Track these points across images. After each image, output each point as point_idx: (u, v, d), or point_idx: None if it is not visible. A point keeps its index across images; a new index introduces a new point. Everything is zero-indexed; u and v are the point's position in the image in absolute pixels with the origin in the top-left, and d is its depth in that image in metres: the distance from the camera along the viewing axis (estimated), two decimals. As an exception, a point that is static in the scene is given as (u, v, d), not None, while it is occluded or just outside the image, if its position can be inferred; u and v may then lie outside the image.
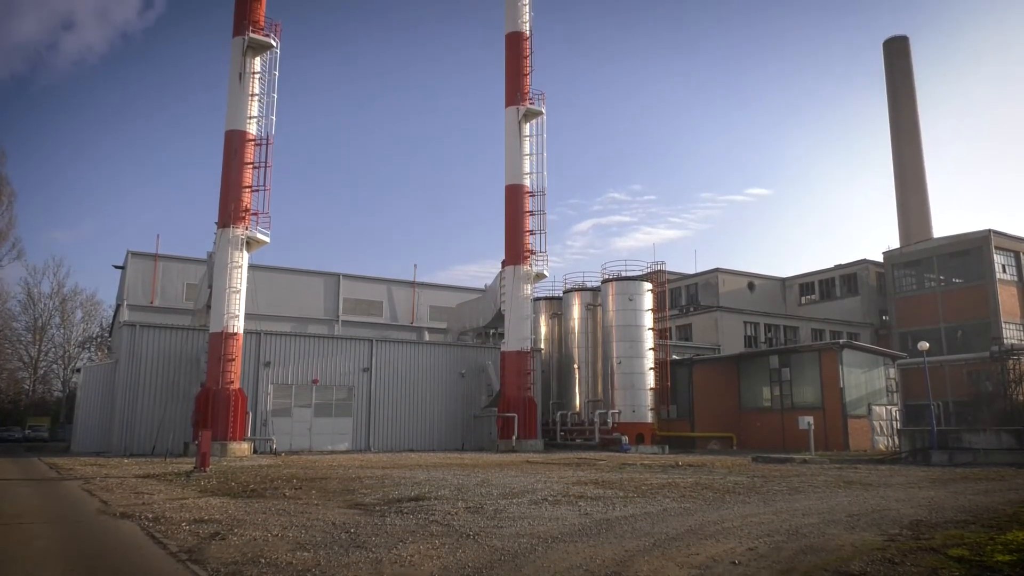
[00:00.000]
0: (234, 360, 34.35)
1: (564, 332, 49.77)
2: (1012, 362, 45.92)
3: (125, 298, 50.01)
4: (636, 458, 33.20)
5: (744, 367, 47.69)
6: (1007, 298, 57.01)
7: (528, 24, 45.90)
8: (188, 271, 51.60)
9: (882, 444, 40.84)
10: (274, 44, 36.97)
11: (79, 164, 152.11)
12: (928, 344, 34.99)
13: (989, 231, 57.86)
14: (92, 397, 36.84)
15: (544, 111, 45.16)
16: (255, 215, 35.82)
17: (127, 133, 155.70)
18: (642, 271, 47.58)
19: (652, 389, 44.67)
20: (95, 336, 76.31)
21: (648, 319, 45.70)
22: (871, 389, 43.09)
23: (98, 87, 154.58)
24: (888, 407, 43.39)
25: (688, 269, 72.41)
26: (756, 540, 10.46)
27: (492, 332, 49.28)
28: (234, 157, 35.64)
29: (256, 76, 36.70)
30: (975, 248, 58.36)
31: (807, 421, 34.18)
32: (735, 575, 8.49)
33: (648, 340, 45.34)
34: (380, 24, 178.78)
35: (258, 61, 36.89)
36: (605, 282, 47.27)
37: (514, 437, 40.52)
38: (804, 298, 71.76)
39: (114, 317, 53.13)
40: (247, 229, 35.51)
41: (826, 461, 29.64)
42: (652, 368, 44.93)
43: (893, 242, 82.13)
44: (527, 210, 43.93)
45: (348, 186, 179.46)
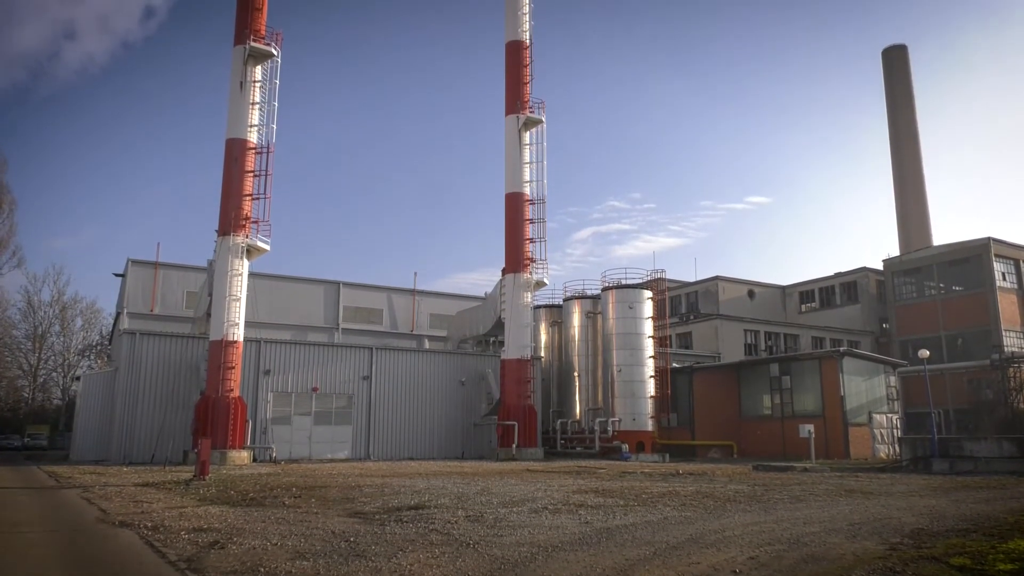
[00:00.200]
0: (234, 368, 34.35)
1: (564, 340, 49.73)
2: (1012, 370, 45.89)
3: (125, 306, 50.04)
4: (636, 466, 33.12)
5: (744, 375, 47.64)
6: (1007, 306, 57.04)
7: (528, 33, 46.07)
8: (188, 279, 51.71)
9: (883, 452, 40.76)
10: (275, 53, 37.13)
11: (80, 172, 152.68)
12: (928, 352, 34.97)
13: (989, 239, 57.94)
14: (91, 405, 36.79)
15: (544, 119, 45.25)
16: (255, 223, 35.93)
17: (128, 141, 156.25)
18: (642, 279, 47.60)
19: (652, 397, 44.61)
20: (95, 344, 76.34)
21: (648, 327, 45.68)
22: (872, 397, 43.05)
23: (99, 96, 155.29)
24: (889, 415, 43.34)
25: (688, 277, 72.43)
26: (757, 549, 10.42)
27: (492, 340, 49.25)
28: (235, 165, 35.74)
29: (257, 85, 36.86)
30: (975, 256, 58.41)
31: (808, 429, 34.14)
32: (736, 584, 8.46)
33: (648, 348, 45.31)
34: (380, 32, 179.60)
35: (259, 70, 37.05)
36: (605, 290, 47.25)
37: (514, 445, 40.44)
38: (804, 306, 71.77)
39: (114, 325, 53.15)
40: (247, 237, 35.58)
41: (827, 469, 29.56)
42: (652, 376, 44.88)
43: (893, 250, 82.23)
44: (527, 218, 43.97)
45: (348, 194, 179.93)
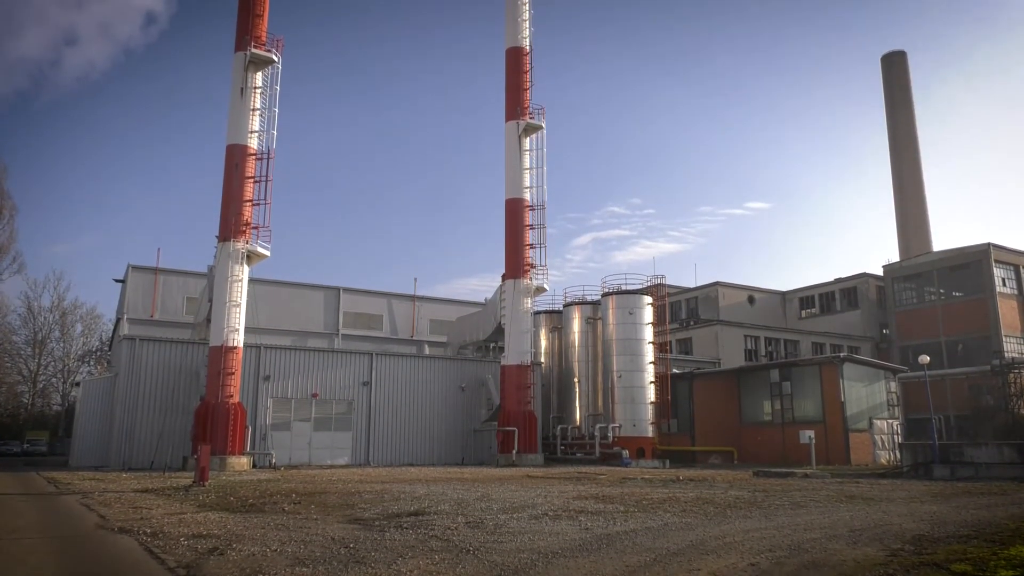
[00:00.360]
0: (234, 374, 34.31)
1: (564, 346, 49.70)
2: (1013, 375, 45.80)
3: (125, 311, 50.02)
4: (637, 472, 33.10)
5: (744, 381, 47.60)
6: (1007, 311, 57.05)
7: (528, 40, 46.22)
8: (188, 285, 51.70)
9: (884, 458, 40.69)
10: (275, 59, 37.22)
11: (80, 178, 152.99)
12: (929, 358, 34.97)
13: (989, 245, 57.98)
14: (91, 411, 36.77)
15: (544, 125, 45.36)
16: (256, 229, 35.94)
17: (128, 147, 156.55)
18: (642, 285, 47.60)
19: (652, 403, 44.56)
20: (95, 350, 76.28)
21: (648, 333, 45.67)
22: (872, 403, 43.00)
23: (100, 102, 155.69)
24: (889, 421, 43.28)
25: (688, 283, 72.48)
26: (758, 555, 10.39)
27: (492, 346, 49.23)
28: (235, 171, 35.78)
29: (257, 91, 36.94)
30: (975, 261, 58.45)
31: (808, 435, 34.08)
32: (737, 591, 8.43)
33: (648, 354, 45.29)
34: (380, 39, 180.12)
35: (260, 76, 37.13)
36: (605, 296, 47.27)
37: (514, 451, 40.38)
38: (804, 312, 71.75)
39: (114, 331, 53.11)
40: (248, 243, 35.59)
41: (827, 475, 29.51)
42: (652, 382, 44.84)
43: (893, 256, 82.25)
44: (527, 224, 44.01)
45: (348, 199, 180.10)
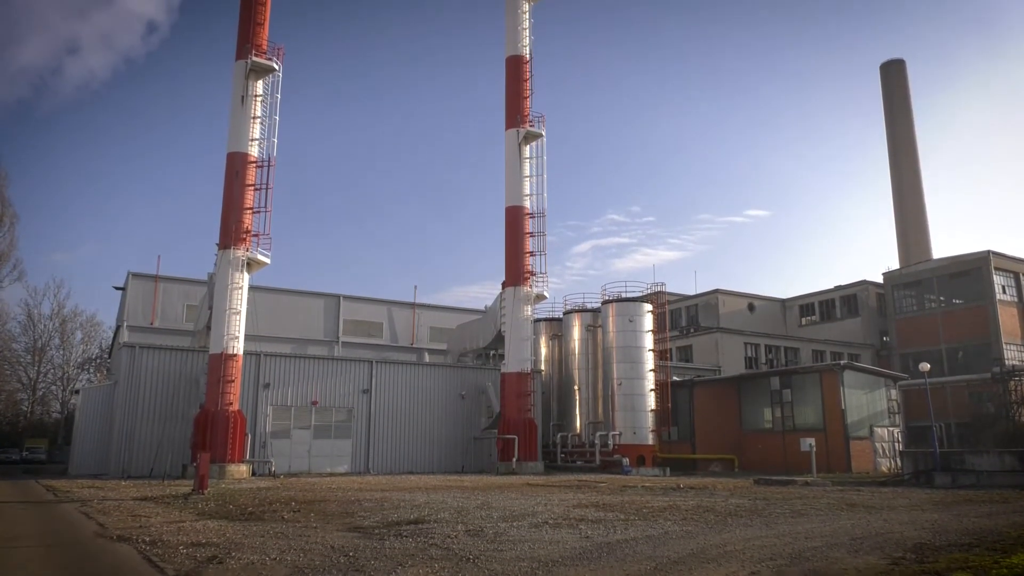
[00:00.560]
0: (233, 381, 34.28)
1: (564, 353, 49.66)
2: (1014, 383, 45.75)
3: (125, 319, 50.01)
4: (637, 480, 33.00)
5: (745, 388, 47.54)
6: (1007, 319, 57.02)
7: (528, 48, 46.34)
8: (189, 292, 51.74)
9: (884, 466, 40.59)
10: (276, 67, 37.32)
11: (81, 186, 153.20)
12: (929, 365, 34.91)
13: (988, 252, 57.99)
14: (90, 419, 36.67)
15: (544, 133, 45.42)
16: (256, 236, 35.97)
17: (129, 155, 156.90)
18: (642, 292, 47.61)
19: (653, 411, 44.49)
20: (94, 357, 76.25)
21: (648, 340, 45.64)
22: (873, 410, 42.93)
23: (101, 110, 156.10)
24: (890, 428, 43.21)
25: (688, 290, 72.41)
26: (759, 564, 10.35)
27: (492, 353, 49.19)
28: (236, 179, 35.84)
29: (258, 99, 37.03)
30: (975, 269, 58.44)
31: (809, 443, 34.00)
32: (738, 599, 8.40)
33: (649, 361, 45.24)
34: (380, 46, 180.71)
35: (260, 84, 37.24)
36: (605, 303, 47.25)
37: (514, 459, 40.28)
38: (804, 319, 71.72)
39: (114, 338, 53.10)
40: (248, 250, 35.62)
41: (828, 483, 29.44)
42: (653, 389, 44.79)
43: (893, 263, 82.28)
44: (527, 231, 44.03)
45: (348, 207, 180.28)
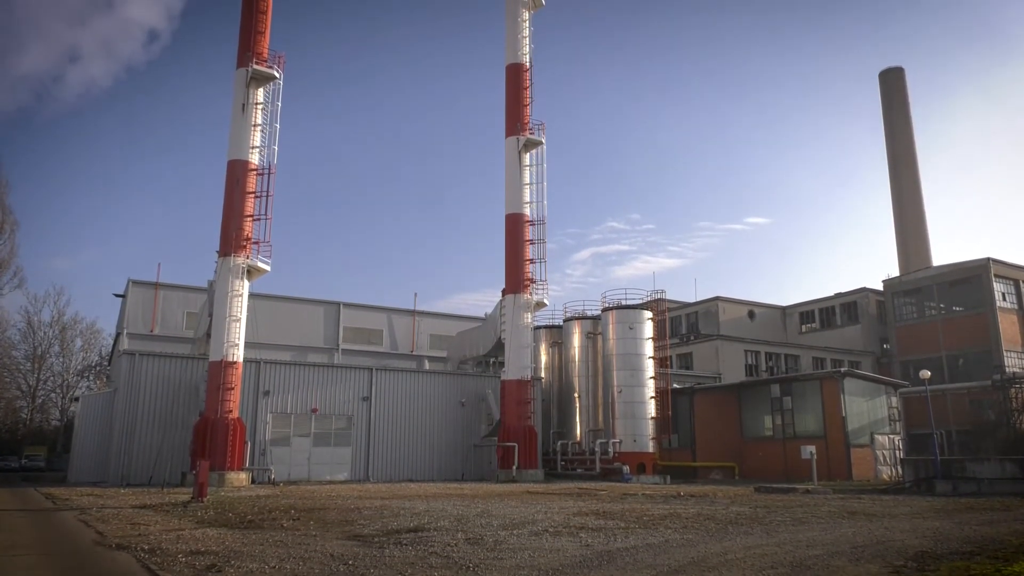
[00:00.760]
0: (233, 389, 34.23)
1: (564, 361, 49.61)
2: (1014, 390, 45.74)
3: (125, 326, 49.98)
4: (637, 488, 32.91)
5: (745, 396, 47.48)
6: (1007, 326, 57.03)
7: (528, 56, 46.50)
8: (189, 300, 51.69)
9: (885, 473, 40.52)
10: (277, 76, 37.43)
11: (81, 193, 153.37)
12: (929, 372, 34.92)
13: (988, 259, 58.05)
14: (90, 426, 36.62)
15: (544, 141, 45.51)
16: (256, 244, 36.00)
17: (129, 163, 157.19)
18: (642, 300, 47.58)
19: (653, 418, 44.41)
20: (94, 365, 76.14)
21: (649, 348, 45.60)
22: (873, 418, 42.87)
23: (101, 118, 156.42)
24: (891, 436, 43.13)
25: (688, 298, 72.47)
26: (760, 572, 10.32)
27: (492, 361, 49.13)
28: (236, 186, 35.89)
29: (259, 107, 37.12)
30: (975, 276, 58.50)
31: (809, 450, 33.95)
32: (738, 608, 8.36)
33: (649, 369, 45.19)
34: (381, 53, 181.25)
35: (261, 92, 37.34)
36: (605, 311, 47.22)
37: (514, 467, 40.20)
38: (804, 326, 71.72)
39: (114, 345, 53.04)
40: (248, 258, 35.62)
41: (829, 491, 29.37)
42: (653, 397, 44.71)
43: (893, 270, 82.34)
44: (527, 239, 44.06)
45: (348, 215, 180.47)
